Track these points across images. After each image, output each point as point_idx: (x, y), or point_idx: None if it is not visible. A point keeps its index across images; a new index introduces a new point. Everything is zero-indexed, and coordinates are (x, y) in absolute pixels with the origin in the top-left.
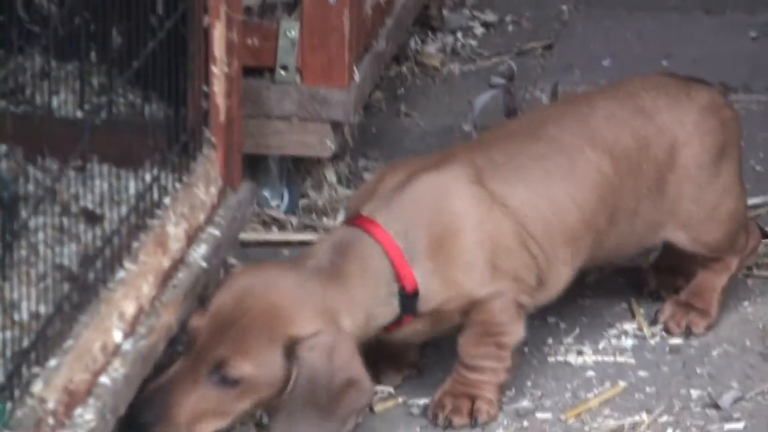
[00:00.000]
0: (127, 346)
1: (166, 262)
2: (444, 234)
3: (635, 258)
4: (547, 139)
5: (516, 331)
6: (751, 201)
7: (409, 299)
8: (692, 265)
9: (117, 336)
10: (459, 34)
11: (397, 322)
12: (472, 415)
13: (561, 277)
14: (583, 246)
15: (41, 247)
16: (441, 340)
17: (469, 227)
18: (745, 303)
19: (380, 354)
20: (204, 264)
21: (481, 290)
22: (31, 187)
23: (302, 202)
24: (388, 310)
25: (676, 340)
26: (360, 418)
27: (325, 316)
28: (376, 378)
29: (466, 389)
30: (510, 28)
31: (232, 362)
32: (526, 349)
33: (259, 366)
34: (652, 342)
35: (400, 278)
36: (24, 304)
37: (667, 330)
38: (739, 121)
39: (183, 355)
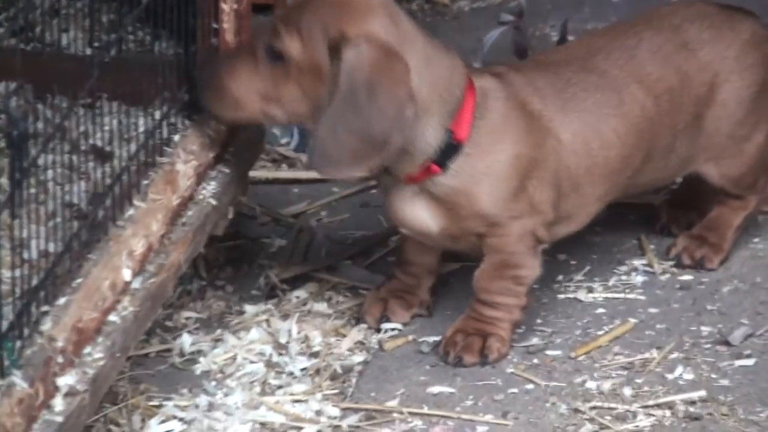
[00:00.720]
0: (136, 284)
1: (175, 200)
2: (496, 136)
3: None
4: (598, 72)
5: (533, 266)
6: None
7: (450, 146)
8: (708, 202)
9: (126, 274)
10: None
11: (424, 169)
12: (483, 352)
13: (589, 212)
14: (618, 182)
15: (51, 185)
16: (452, 280)
17: (515, 147)
18: (756, 240)
19: (390, 291)
20: (213, 201)
21: (501, 213)
22: (40, 125)
23: None
24: (434, 125)
25: (687, 277)
26: None
27: (391, 33)
28: (386, 316)
29: (478, 326)
30: None
31: (282, 36)
32: (535, 286)
33: (305, 46)
34: (663, 278)
35: (457, 121)
36: (33, 242)
37: (679, 263)
38: None
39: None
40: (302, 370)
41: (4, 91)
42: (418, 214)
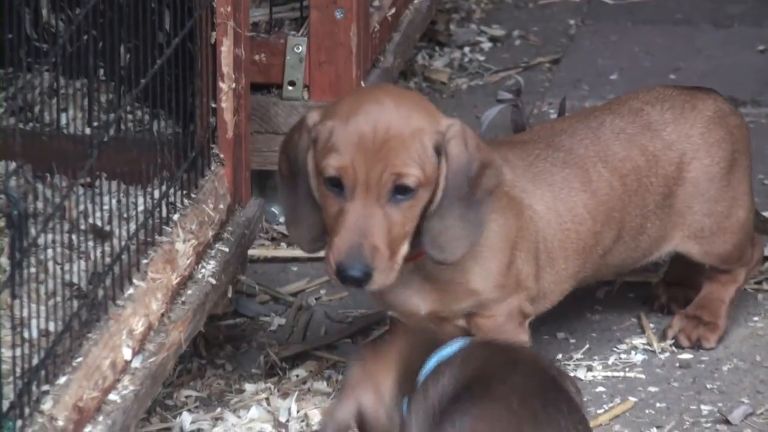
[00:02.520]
0: (136, 363)
1: (174, 279)
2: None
3: (644, 270)
4: (564, 150)
5: (524, 341)
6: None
7: None
8: (701, 278)
9: (126, 353)
10: (466, 49)
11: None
12: None
13: (563, 290)
14: (590, 259)
15: (50, 264)
16: None
17: (502, 215)
18: (756, 318)
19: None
20: (213, 280)
21: (492, 292)
22: (40, 205)
23: None
24: None
25: (686, 355)
26: None
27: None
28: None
29: None
30: (517, 42)
31: (405, 172)
32: None
33: (425, 167)
34: (663, 357)
35: None
36: (33, 322)
37: (677, 344)
38: (746, 128)
39: (338, 196)
40: None
41: (3, 171)
42: (409, 295)
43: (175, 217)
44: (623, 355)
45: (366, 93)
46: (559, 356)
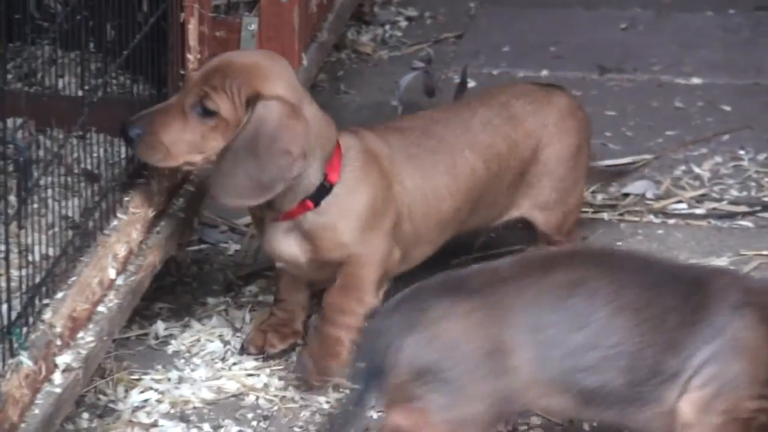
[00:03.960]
0: (119, 281)
1: (151, 213)
2: (358, 179)
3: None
4: (437, 138)
5: (374, 293)
6: (622, 160)
7: (323, 187)
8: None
9: (111, 273)
10: (387, 27)
11: (300, 205)
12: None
13: (421, 253)
14: (448, 228)
15: (50, 202)
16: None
17: (373, 189)
18: (619, 243)
19: (270, 325)
20: (182, 214)
21: (360, 246)
22: (41, 153)
23: None
24: (315, 169)
25: None
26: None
27: (293, 96)
28: (265, 347)
29: (326, 349)
30: (428, 21)
31: (213, 96)
32: None
33: (230, 104)
34: None
35: (330, 167)
36: (36, 248)
37: None
38: (589, 122)
39: (175, 95)
40: None
41: (11, 126)
42: (291, 247)
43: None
44: None
45: (247, 49)
46: None
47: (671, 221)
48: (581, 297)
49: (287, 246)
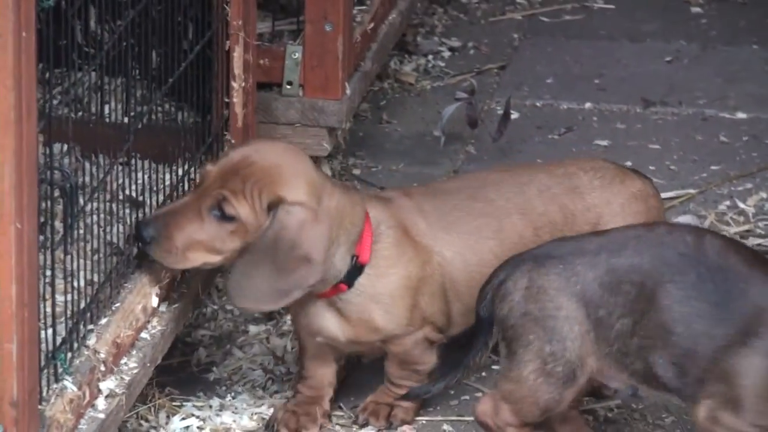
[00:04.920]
0: (162, 308)
1: None
2: (390, 259)
3: None
4: (484, 200)
5: (429, 360)
6: (666, 194)
7: (355, 269)
8: None
9: (154, 300)
10: (430, 57)
11: (334, 287)
12: (389, 419)
13: (469, 319)
14: None
15: (95, 228)
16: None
17: (406, 269)
18: None
19: (298, 405)
20: None
21: (397, 329)
22: (86, 179)
23: None
24: (342, 254)
25: None
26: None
27: (314, 198)
28: (299, 430)
29: (388, 400)
30: (471, 52)
31: (232, 201)
32: None
33: (251, 210)
34: None
35: (360, 247)
36: (81, 273)
37: None
38: (663, 211)
39: (191, 193)
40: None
41: (58, 152)
42: (328, 324)
43: None
44: None
45: (266, 142)
46: None
47: None
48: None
49: (325, 323)
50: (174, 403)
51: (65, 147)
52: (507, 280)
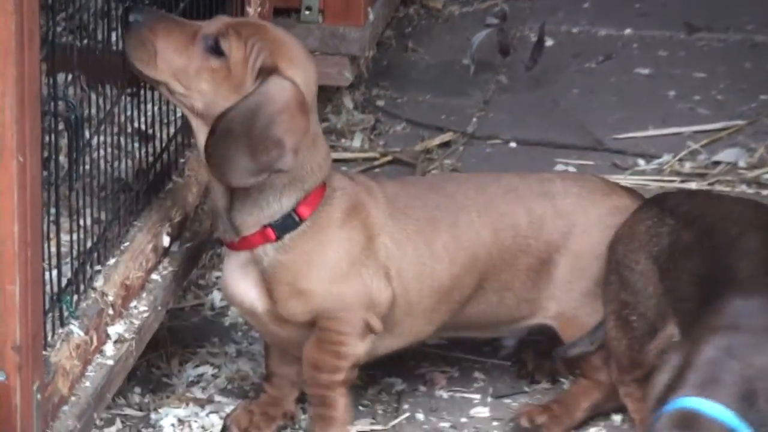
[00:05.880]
0: (174, 248)
1: (207, 175)
2: (333, 222)
3: (507, 335)
4: (444, 194)
5: (358, 351)
6: (712, 126)
7: (290, 219)
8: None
9: (166, 239)
10: None
11: (261, 232)
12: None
13: (414, 327)
14: (445, 301)
15: (102, 163)
16: None
17: (349, 236)
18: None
19: (258, 405)
20: None
21: (329, 300)
22: (93, 111)
23: (323, 125)
24: (287, 194)
25: None
26: None
27: (307, 94)
28: (249, 429)
29: (317, 411)
30: None
31: (231, 40)
32: None
33: (243, 59)
34: None
35: (306, 200)
36: (87, 211)
37: (516, 425)
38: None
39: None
40: None
41: (62, 81)
42: (246, 288)
43: None
44: None
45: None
46: None
47: (765, 192)
48: None
49: (243, 285)
50: (187, 350)
51: (70, 76)
52: None
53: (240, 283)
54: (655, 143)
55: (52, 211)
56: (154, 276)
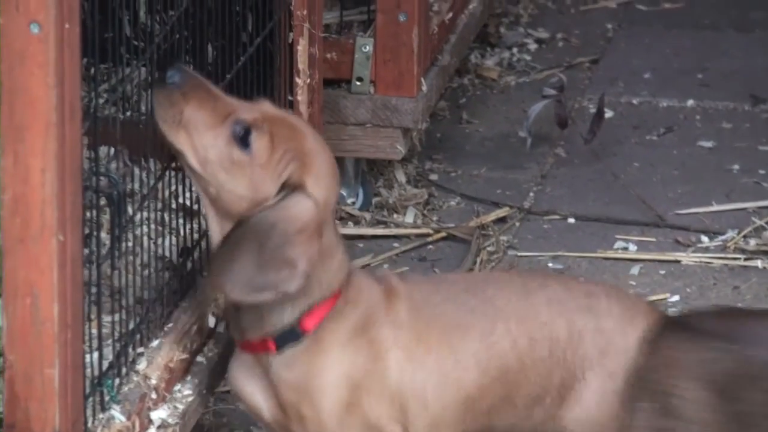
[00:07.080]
0: (219, 329)
1: None
2: (335, 344)
3: None
4: (482, 298)
5: None
6: None
7: (292, 331)
8: None
9: (211, 320)
10: (515, 50)
11: (261, 342)
12: None
13: None
14: (471, 412)
15: (145, 239)
16: None
17: (351, 358)
18: None
19: None
20: None
21: (329, 425)
22: (136, 186)
23: (375, 200)
24: (291, 305)
25: None
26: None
27: (327, 211)
28: None
29: None
30: (560, 44)
31: (264, 138)
32: None
33: (269, 162)
34: None
35: (311, 313)
36: (130, 291)
37: None
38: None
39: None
40: None
41: (104, 155)
42: (253, 391)
43: None
44: None
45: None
46: None
47: None
48: None
49: (248, 388)
50: None
51: (112, 150)
52: None
53: (245, 385)
54: (719, 219)
55: (93, 290)
56: (199, 358)
